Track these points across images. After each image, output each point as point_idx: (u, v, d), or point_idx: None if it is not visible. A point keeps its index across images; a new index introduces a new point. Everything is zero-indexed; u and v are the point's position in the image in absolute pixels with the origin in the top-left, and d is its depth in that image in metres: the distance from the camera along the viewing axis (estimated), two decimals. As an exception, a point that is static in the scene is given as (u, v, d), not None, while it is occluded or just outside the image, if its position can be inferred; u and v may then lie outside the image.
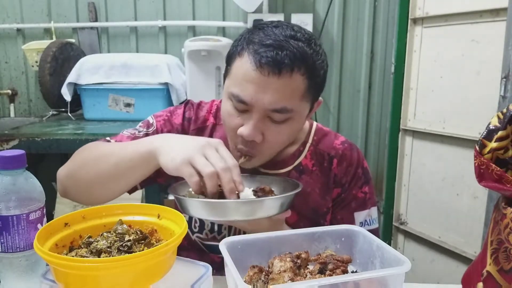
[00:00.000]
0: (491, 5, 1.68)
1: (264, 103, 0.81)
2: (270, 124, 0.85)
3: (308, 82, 0.83)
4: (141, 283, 0.56)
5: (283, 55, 0.79)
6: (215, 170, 0.72)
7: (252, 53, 0.81)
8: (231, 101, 0.85)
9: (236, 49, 0.85)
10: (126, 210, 0.68)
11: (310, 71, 0.83)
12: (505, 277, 0.59)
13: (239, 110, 0.85)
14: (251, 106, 0.82)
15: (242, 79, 0.82)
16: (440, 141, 1.97)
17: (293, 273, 0.62)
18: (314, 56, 0.83)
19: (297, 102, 0.84)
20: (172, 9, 2.35)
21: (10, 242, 0.63)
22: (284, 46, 0.80)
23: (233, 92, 0.83)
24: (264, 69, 0.79)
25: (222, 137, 0.97)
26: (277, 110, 0.82)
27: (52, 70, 2.05)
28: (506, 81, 1.43)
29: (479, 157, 0.62)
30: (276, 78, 0.80)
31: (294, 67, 0.80)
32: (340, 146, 1.00)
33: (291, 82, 0.81)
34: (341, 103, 2.44)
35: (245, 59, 0.82)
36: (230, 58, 0.88)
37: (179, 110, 1.02)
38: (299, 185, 0.83)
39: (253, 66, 0.80)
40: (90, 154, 0.89)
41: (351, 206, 0.99)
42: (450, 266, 1.97)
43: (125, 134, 0.97)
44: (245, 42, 0.84)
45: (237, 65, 0.84)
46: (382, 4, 2.34)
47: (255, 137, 0.84)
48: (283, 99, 0.81)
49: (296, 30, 0.84)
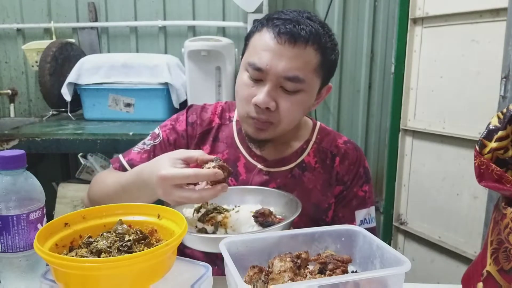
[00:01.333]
0: (491, 5, 1.68)
1: (277, 70, 0.86)
2: (283, 93, 0.89)
3: (321, 58, 0.89)
4: (141, 283, 0.56)
5: (300, 28, 0.86)
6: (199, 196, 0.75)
7: (271, 26, 0.88)
8: (247, 72, 0.91)
9: (256, 28, 0.92)
10: (126, 210, 0.68)
11: (323, 48, 0.89)
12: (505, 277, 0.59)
13: (254, 79, 0.90)
14: (266, 73, 0.87)
15: (260, 48, 0.88)
16: (440, 141, 1.97)
17: (293, 273, 0.62)
18: (326, 37, 0.90)
19: (309, 74, 0.89)
20: (172, 9, 2.35)
21: (10, 242, 0.63)
22: (301, 21, 0.87)
23: (250, 61, 0.89)
24: (281, 38, 0.86)
25: (228, 137, 1.04)
26: (290, 78, 0.87)
27: (52, 70, 2.05)
28: (506, 81, 1.43)
29: (479, 157, 0.62)
30: (292, 47, 0.86)
31: (308, 40, 0.86)
32: (343, 145, 1.04)
33: (304, 54, 0.87)
34: (341, 103, 2.44)
35: (263, 32, 0.89)
36: (249, 36, 0.94)
37: (182, 117, 1.06)
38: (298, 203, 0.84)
39: (271, 35, 0.87)
40: (101, 191, 0.96)
41: (352, 204, 1.02)
42: (450, 266, 1.97)
43: (135, 151, 1.03)
44: (264, 20, 0.91)
45: (255, 38, 0.91)
46: (382, 4, 2.34)
47: (269, 103, 0.88)
48: (296, 68, 0.87)
49: (312, 14, 0.93)
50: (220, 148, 1.03)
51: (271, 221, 0.81)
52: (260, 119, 0.91)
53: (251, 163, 1.01)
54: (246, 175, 1.00)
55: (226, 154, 1.02)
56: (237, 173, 1.01)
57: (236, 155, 1.02)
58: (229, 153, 1.02)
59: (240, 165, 1.01)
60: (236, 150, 1.02)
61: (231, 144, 1.03)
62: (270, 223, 0.80)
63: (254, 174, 1.00)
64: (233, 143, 1.03)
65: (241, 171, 1.01)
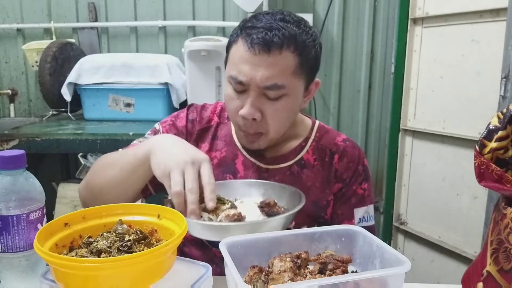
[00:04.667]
0: (491, 5, 1.68)
1: (257, 80, 0.87)
2: (266, 101, 0.90)
3: (299, 60, 0.88)
4: (141, 283, 0.56)
5: (272, 35, 0.85)
6: (180, 190, 0.75)
7: (244, 37, 0.88)
8: (231, 84, 0.91)
9: (232, 38, 0.92)
10: (126, 210, 0.68)
11: (300, 49, 0.88)
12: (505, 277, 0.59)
13: (238, 92, 0.91)
14: (247, 85, 0.88)
15: (238, 61, 0.88)
16: (440, 141, 1.97)
17: (293, 273, 0.62)
18: (303, 35, 0.88)
19: (288, 78, 0.88)
20: (172, 9, 2.35)
21: (10, 242, 0.63)
22: (274, 27, 0.86)
23: (231, 75, 0.90)
24: (255, 48, 0.85)
25: (226, 135, 1.05)
26: (269, 87, 0.87)
27: (52, 70, 2.05)
28: (506, 81, 1.43)
29: (479, 157, 0.62)
30: (266, 56, 0.85)
31: (283, 45, 0.85)
32: (342, 143, 1.04)
33: (281, 60, 0.86)
34: (341, 103, 2.44)
35: (239, 44, 0.89)
36: (228, 47, 0.94)
37: (182, 114, 1.07)
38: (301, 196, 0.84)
39: (245, 48, 0.87)
40: (100, 164, 0.95)
41: (351, 202, 1.02)
42: (450, 266, 1.97)
43: (135, 143, 1.02)
44: (239, 30, 0.90)
45: (233, 51, 0.91)
46: (382, 4, 2.34)
47: (254, 114, 0.89)
48: (273, 76, 0.86)
49: (286, 14, 0.90)
50: (219, 146, 1.04)
51: (277, 211, 0.82)
52: (249, 132, 0.93)
53: (249, 160, 1.02)
54: (244, 173, 1.01)
55: (225, 152, 1.03)
56: (235, 170, 1.01)
57: (234, 153, 1.02)
58: (227, 151, 1.03)
59: (238, 162, 1.02)
60: (234, 148, 1.03)
61: (229, 142, 1.04)
62: (276, 213, 0.80)
63: (252, 172, 1.01)
64: (232, 141, 1.04)
65: (239, 169, 1.01)
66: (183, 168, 0.76)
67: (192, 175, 0.76)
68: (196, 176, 0.76)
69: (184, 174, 0.76)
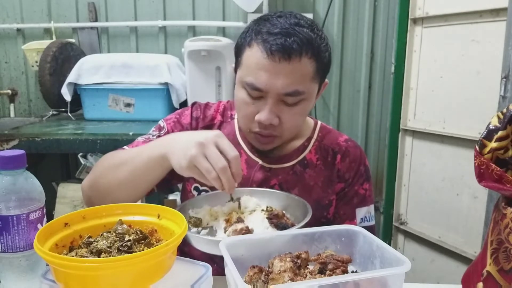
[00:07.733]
0: (491, 5, 1.68)
1: (277, 88, 0.86)
2: (284, 107, 0.90)
3: (316, 65, 0.89)
4: (141, 283, 0.56)
5: (291, 41, 0.84)
6: (216, 175, 0.75)
7: (261, 43, 0.86)
8: (245, 89, 0.91)
9: (245, 41, 0.91)
10: (126, 210, 0.68)
11: (317, 54, 0.88)
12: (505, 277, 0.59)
13: (254, 97, 0.90)
14: (266, 92, 0.88)
15: (254, 68, 0.87)
16: (440, 141, 1.97)
17: (293, 273, 0.62)
18: (318, 40, 0.88)
19: (307, 84, 0.89)
20: (172, 9, 2.35)
21: (10, 242, 0.63)
22: (291, 33, 0.85)
23: (247, 81, 0.88)
24: (275, 56, 0.84)
25: (229, 134, 1.05)
26: (290, 94, 0.88)
27: (52, 70, 2.05)
28: (506, 81, 1.43)
29: (479, 157, 0.62)
30: (287, 63, 0.85)
31: (302, 52, 0.85)
32: (344, 143, 1.05)
33: (300, 66, 0.86)
34: (341, 103, 2.44)
35: (255, 49, 0.87)
36: (239, 50, 0.93)
37: (187, 111, 1.08)
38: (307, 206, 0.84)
39: (264, 55, 0.85)
40: (108, 163, 0.94)
41: (353, 202, 1.03)
42: (450, 266, 1.97)
43: (140, 140, 1.02)
44: (253, 33, 0.89)
45: (247, 55, 0.89)
46: (382, 4, 2.34)
47: (272, 120, 0.89)
48: (294, 83, 0.87)
49: (299, 18, 0.89)
50: None
51: (285, 223, 0.82)
52: (262, 134, 0.93)
53: (252, 159, 1.02)
54: (248, 171, 1.01)
55: None
56: None
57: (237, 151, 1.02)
58: None
59: (242, 161, 1.02)
60: (237, 147, 1.03)
61: (233, 140, 1.04)
62: (284, 225, 0.81)
63: (255, 170, 1.01)
64: (235, 140, 1.04)
65: (243, 167, 1.01)
66: (204, 151, 0.76)
67: (214, 154, 0.76)
68: (218, 153, 0.76)
69: (207, 157, 0.76)
